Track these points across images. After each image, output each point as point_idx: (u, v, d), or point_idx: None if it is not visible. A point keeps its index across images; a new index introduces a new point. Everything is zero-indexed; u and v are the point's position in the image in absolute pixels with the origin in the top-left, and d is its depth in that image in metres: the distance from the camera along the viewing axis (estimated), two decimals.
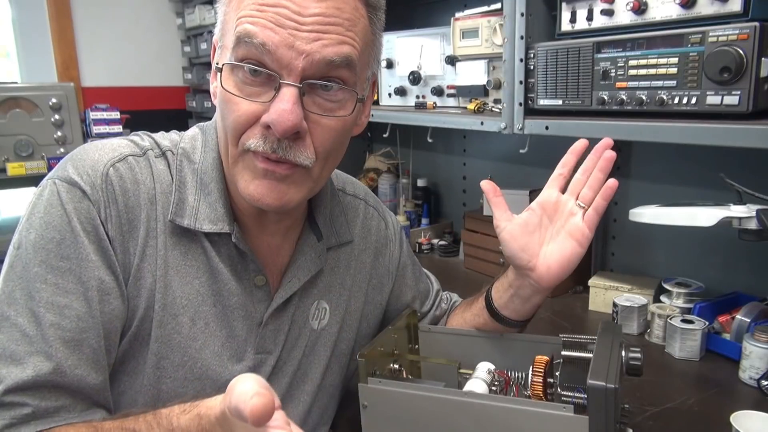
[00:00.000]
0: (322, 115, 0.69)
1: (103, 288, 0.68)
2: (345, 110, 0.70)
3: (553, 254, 0.83)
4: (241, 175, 0.71)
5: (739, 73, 0.91)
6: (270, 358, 0.81)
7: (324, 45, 0.65)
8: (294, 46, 0.64)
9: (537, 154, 1.35)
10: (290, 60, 0.65)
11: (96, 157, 0.71)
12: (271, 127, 0.66)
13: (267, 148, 0.67)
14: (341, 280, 0.90)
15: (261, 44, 0.64)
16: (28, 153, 2.36)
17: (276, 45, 0.64)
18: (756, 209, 1.04)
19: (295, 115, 0.65)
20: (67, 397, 0.66)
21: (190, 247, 0.75)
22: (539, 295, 0.87)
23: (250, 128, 0.68)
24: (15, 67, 3.05)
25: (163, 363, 0.74)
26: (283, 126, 0.65)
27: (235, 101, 0.67)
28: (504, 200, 0.85)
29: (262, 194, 0.69)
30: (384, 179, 2.27)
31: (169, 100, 3.36)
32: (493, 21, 1.44)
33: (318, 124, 0.69)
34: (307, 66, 0.65)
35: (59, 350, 0.65)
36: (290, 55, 0.65)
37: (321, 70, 0.67)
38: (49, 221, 0.67)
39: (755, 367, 1.08)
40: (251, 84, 0.67)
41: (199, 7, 2.90)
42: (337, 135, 0.71)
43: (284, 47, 0.64)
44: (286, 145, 0.67)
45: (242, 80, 0.67)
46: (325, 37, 0.65)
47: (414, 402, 0.75)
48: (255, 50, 0.65)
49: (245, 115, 0.67)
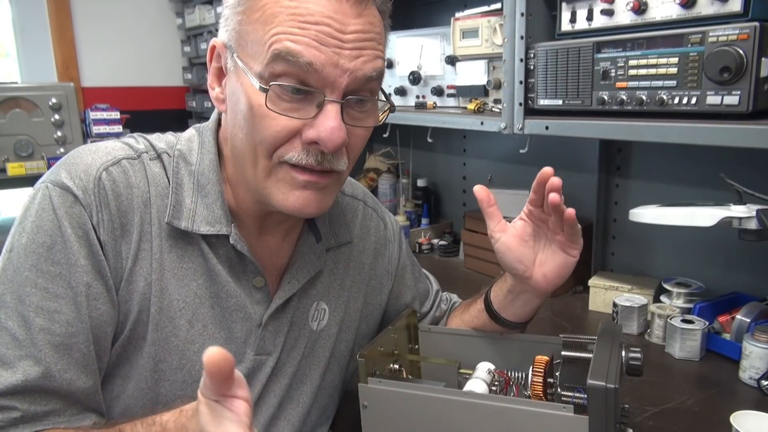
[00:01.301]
0: (355, 125, 0.70)
1: (91, 293, 0.68)
2: (373, 119, 0.73)
3: (548, 263, 0.83)
4: (276, 188, 0.70)
5: (739, 73, 0.91)
6: (269, 360, 0.81)
7: (365, 62, 0.67)
8: (339, 65, 0.65)
9: (537, 154, 1.35)
10: (335, 78, 0.65)
11: (89, 161, 0.71)
12: (320, 144, 0.67)
13: (312, 161, 0.68)
14: (340, 281, 0.90)
15: (307, 64, 0.64)
16: (28, 153, 2.36)
17: (323, 64, 0.64)
18: (756, 209, 1.04)
19: (343, 132, 0.67)
20: (56, 402, 0.67)
21: (187, 249, 0.75)
22: (538, 299, 0.88)
23: (288, 142, 0.68)
24: (15, 67, 3.05)
25: (161, 366, 0.74)
26: (334, 143, 0.66)
27: (272, 116, 0.66)
28: (497, 209, 0.84)
29: (303, 205, 0.70)
30: (384, 179, 2.27)
31: (169, 100, 3.35)
32: (493, 21, 1.43)
33: (353, 134, 0.71)
34: (350, 83, 0.67)
35: (48, 354, 0.66)
36: (335, 73, 0.65)
37: (359, 85, 0.68)
38: (41, 225, 0.67)
39: (755, 367, 1.08)
40: (289, 100, 0.67)
41: (199, 7, 2.89)
42: (364, 141, 0.74)
43: (330, 66, 0.65)
44: (331, 157, 0.69)
45: (279, 96, 0.66)
46: (364, 54, 0.67)
47: (414, 402, 0.75)
48: (299, 69, 0.65)
49: (285, 130, 0.67)
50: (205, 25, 2.88)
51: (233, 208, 0.77)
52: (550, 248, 0.83)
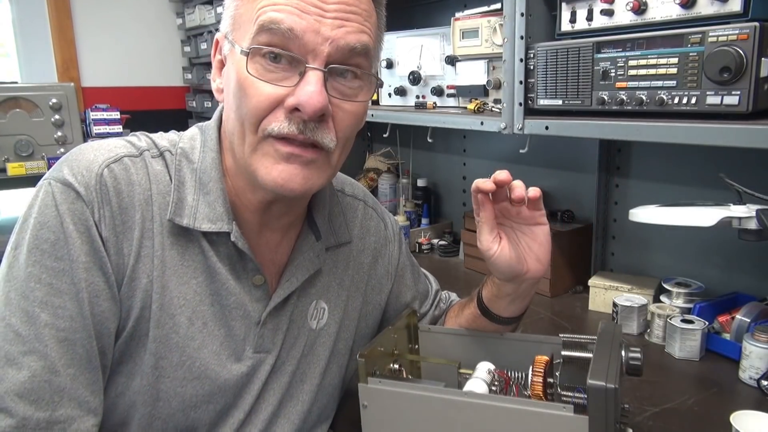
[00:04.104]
0: (343, 99, 0.70)
1: (93, 289, 0.68)
2: (364, 95, 0.73)
3: (533, 246, 0.84)
4: (261, 162, 0.70)
5: (739, 73, 0.91)
6: (269, 358, 0.81)
7: (347, 32, 0.68)
8: (320, 32, 0.66)
9: (537, 154, 1.35)
10: (316, 45, 0.66)
11: (91, 158, 0.71)
12: (300, 109, 0.67)
13: (294, 129, 0.68)
14: (340, 281, 0.90)
15: (288, 29, 0.65)
16: (28, 153, 2.36)
17: (303, 30, 0.66)
18: (756, 209, 1.05)
19: (323, 97, 0.67)
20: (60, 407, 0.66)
21: (188, 247, 0.75)
22: (536, 285, 0.89)
23: (272, 113, 0.68)
24: (15, 67, 3.05)
25: (162, 363, 0.74)
26: (312, 107, 0.66)
27: (257, 86, 0.68)
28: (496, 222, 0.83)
29: (286, 179, 0.70)
30: (384, 179, 2.27)
31: (169, 100, 3.36)
32: (493, 21, 1.44)
33: (339, 108, 0.71)
34: (332, 51, 0.67)
35: (53, 349, 0.66)
36: (317, 40, 0.66)
37: (343, 57, 0.68)
38: (44, 222, 0.67)
39: (755, 367, 1.08)
40: (273, 70, 0.68)
41: (199, 7, 2.90)
42: (356, 120, 0.74)
43: (311, 32, 0.66)
44: (313, 126, 0.69)
45: (263, 66, 0.68)
46: (347, 25, 0.68)
47: (414, 402, 0.75)
48: (281, 36, 0.66)
49: (268, 99, 0.68)
50: (205, 25, 2.88)
51: (235, 204, 0.78)
52: (524, 233, 0.84)
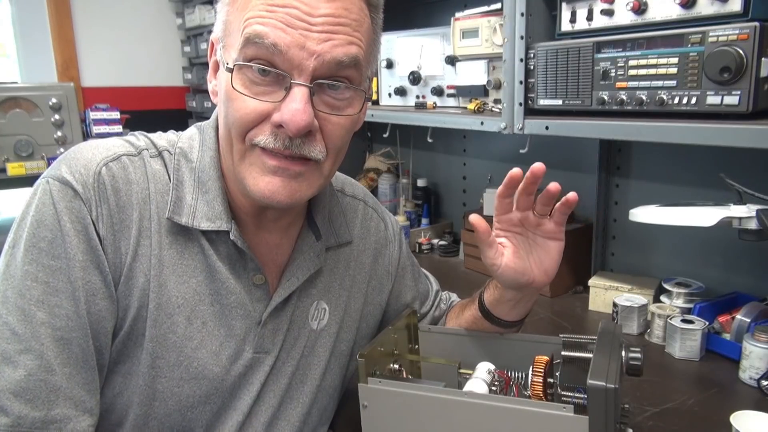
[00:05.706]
0: (331, 113, 0.70)
1: (90, 288, 0.68)
2: (353, 108, 0.72)
3: (544, 260, 0.83)
4: (248, 172, 0.71)
5: (739, 73, 0.91)
6: (268, 358, 0.81)
7: (334, 45, 0.66)
8: (305, 47, 0.65)
9: (537, 154, 1.35)
10: (301, 60, 0.65)
11: (89, 157, 0.71)
12: (284, 126, 0.66)
13: (279, 145, 0.68)
14: (340, 281, 0.90)
15: (272, 45, 0.65)
16: (28, 153, 2.36)
17: (287, 45, 0.65)
18: (756, 209, 1.05)
19: (307, 115, 0.66)
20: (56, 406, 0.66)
21: (187, 246, 0.75)
22: (538, 293, 0.90)
23: (257, 126, 0.68)
24: (15, 67, 3.05)
25: (159, 363, 0.74)
26: (296, 125, 0.66)
27: (243, 99, 0.68)
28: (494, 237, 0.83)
29: (272, 191, 0.70)
30: (384, 179, 2.27)
31: (169, 100, 3.36)
32: (493, 21, 1.44)
33: (328, 121, 0.70)
34: (318, 66, 0.66)
35: (50, 348, 0.66)
36: (302, 55, 0.65)
37: (330, 70, 0.67)
38: (41, 220, 0.67)
39: (755, 367, 1.08)
40: (260, 83, 0.67)
41: (199, 7, 2.90)
42: (345, 132, 0.73)
43: (296, 48, 0.65)
44: (300, 142, 0.68)
45: (251, 79, 0.67)
46: (335, 38, 0.66)
47: (414, 402, 0.75)
48: (265, 50, 0.65)
49: (254, 113, 0.68)
50: (205, 25, 2.88)
51: (233, 204, 0.78)
52: (538, 245, 0.83)
